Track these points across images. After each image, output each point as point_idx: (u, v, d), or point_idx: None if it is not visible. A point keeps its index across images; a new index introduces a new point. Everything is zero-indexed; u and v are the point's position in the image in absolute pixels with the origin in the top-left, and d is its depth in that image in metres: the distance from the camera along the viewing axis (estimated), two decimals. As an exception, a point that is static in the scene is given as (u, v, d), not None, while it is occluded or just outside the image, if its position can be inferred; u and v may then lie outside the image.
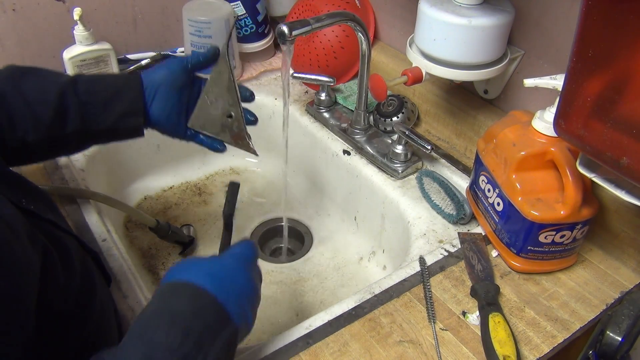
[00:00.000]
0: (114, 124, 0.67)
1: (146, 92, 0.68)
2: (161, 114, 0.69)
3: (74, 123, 0.64)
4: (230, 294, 0.48)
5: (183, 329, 0.43)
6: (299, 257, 0.97)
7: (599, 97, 0.47)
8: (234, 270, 0.51)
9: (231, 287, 0.49)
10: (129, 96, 0.67)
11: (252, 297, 0.52)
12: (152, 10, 1.08)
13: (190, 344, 0.42)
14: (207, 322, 0.45)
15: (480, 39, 0.73)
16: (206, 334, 0.44)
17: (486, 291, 0.65)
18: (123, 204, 0.82)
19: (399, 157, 0.87)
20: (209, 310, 0.46)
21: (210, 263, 0.50)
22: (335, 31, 1.02)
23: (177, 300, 0.46)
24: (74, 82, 0.65)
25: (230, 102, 0.71)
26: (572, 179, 0.62)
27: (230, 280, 0.49)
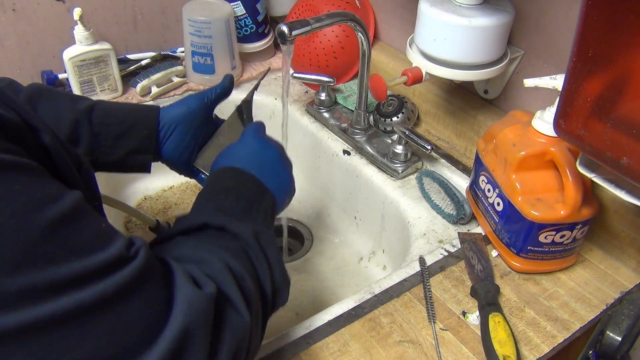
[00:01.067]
0: (121, 158, 0.66)
1: (162, 130, 0.68)
2: (174, 153, 0.69)
3: (83, 152, 0.64)
4: (262, 171, 0.59)
5: (235, 195, 0.55)
6: (299, 257, 0.97)
7: (599, 97, 0.47)
8: (262, 151, 0.62)
9: (263, 165, 0.60)
10: (142, 133, 0.66)
11: (279, 171, 0.62)
12: (152, 10, 1.08)
13: (243, 203, 0.54)
14: (251, 190, 0.57)
15: (480, 39, 0.73)
16: (253, 197, 0.56)
17: (486, 291, 0.65)
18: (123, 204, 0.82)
19: (399, 157, 0.87)
20: (251, 183, 0.57)
21: (244, 151, 0.62)
22: (335, 31, 1.02)
23: (226, 180, 0.57)
24: (90, 111, 0.64)
25: None
26: (572, 179, 0.62)
27: (261, 161, 0.61)
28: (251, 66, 1.16)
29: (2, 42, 0.95)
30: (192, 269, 0.43)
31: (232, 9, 1.05)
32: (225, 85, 0.71)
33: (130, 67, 1.05)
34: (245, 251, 0.49)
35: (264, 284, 0.49)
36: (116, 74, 1.01)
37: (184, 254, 0.46)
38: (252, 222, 0.53)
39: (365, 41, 0.83)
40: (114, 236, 0.37)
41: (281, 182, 0.61)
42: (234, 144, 0.63)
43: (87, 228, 0.35)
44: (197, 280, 0.42)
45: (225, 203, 0.54)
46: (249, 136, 0.64)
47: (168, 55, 1.10)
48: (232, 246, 0.49)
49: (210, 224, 0.50)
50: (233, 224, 0.50)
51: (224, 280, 0.44)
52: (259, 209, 0.55)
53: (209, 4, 1.04)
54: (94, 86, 0.99)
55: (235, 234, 0.50)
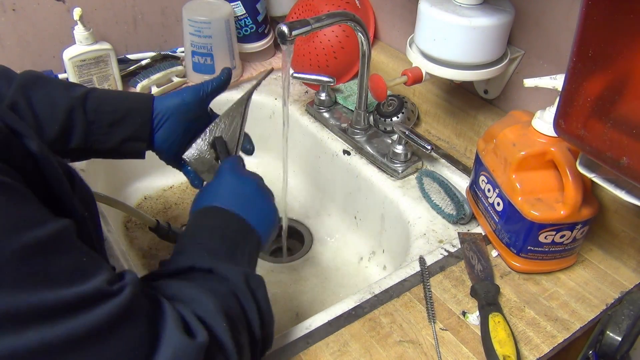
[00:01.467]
0: (116, 145, 0.66)
1: (155, 119, 0.68)
2: (164, 143, 0.69)
3: (77, 140, 0.64)
4: (244, 207, 0.58)
5: (220, 235, 0.54)
6: (299, 257, 0.97)
7: (599, 97, 0.47)
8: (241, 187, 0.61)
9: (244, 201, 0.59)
10: (137, 121, 0.66)
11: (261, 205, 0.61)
12: (152, 10, 1.08)
13: (228, 244, 0.54)
14: (235, 229, 0.56)
15: (480, 39, 0.73)
16: (237, 237, 0.55)
17: (486, 291, 0.65)
18: (123, 204, 0.82)
19: (399, 157, 0.87)
20: (234, 222, 0.56)
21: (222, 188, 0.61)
22: (335, 31, 1.02)
23: (212, 220, 0.56)
24: (84, 99, 0.64)
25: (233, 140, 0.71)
26: (572, 179, 0.62)
27: (241, 197, 0.60)
28: (251, 66, 1.16)
29: (2, 42, 0.95)
30: (185, 312, 0.41)
31: (232, 9, 1.05)
32: (221, 79, 0.71)
33: (130, 67, 1.05)
34: (234, 294, 0.48)
35: (253, 329, 0.48)
36: (116, 74, 1.01)
37: (177, 292, 0.44)
38: (237, 262, 0.52)
39: (365, 41, 0.83)
40: (95, 270, 0.35)
41: (264, 216, 0.60)
42: (211, 183, 0.62)
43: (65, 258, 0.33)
44: (189, 325, 0.40)
45: (210, 244, 0.53)
46: (224, 172, 0.63)
47: (168, 55, 1.10)
48: (220, 289, 0.47)
49: (197, 267, 0.49)
50: (221, 266, 0.49)
51: (218, 326, 0.42)
52: (244, 250, 0.54)
53: (209, 4, 1.04)
54: (93, 86, 0.99)
55: (224, 276, 0.48)
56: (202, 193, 0.61)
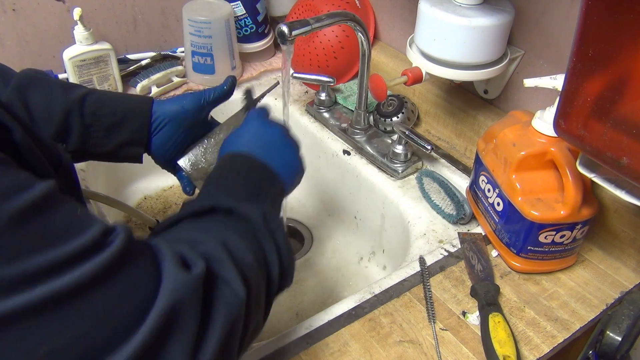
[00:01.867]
0: (113, 149, 0.66)
1: (153, 123, 0.68)
2: (160, 148, 0.69)
3: (74, 143, 0.64)
4: (269, 154, 0.59)
5: (243, 179, 0.55)
6: (299, 257, 0.97)
7: (599, 97, 0.47)
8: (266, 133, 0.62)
9: (268, 147, 0.60)
10: (134, 126, 0.66)
11: (286, 152, 0.62)
12: (152, 10, 1.08)
13: (251, 188, 0.54)
14: (259, 175, 0.57)
15: (480, 39, 0.73)
16: (261, 182, 0.56)
17: (486, 291, 0.65)
18: (123, 204, 0.82)
19: (399, 157, 0.87)
20: (258, 167, 0.57)
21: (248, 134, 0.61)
22: (335, 31, 1.02)
23: (236, 165, 0.57)
24: (81, 101, 0.64)
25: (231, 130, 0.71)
26: (572, 179, 0.62)
27: (267, 144, 0.60)
28: (251, 66, 1.16)
29: (2, 42, 0.95)
30: (183, 249, 0.42)
31: (232, 9, 1.05)
32: (224, 89, 0.71)
33: (130, 67, 1.05)
34: (253, 233, 0.49)
35: (271, 266, 0.49)
36: (116, 74, 1.01)
37: (179, 236, 0.46)
38: (260, 205, 0.53)
39: (365, 41, 0.83)
40: (89, 223, 0.36)
41: (288, 163, 0.61)
42: (237, 129, 0.63)
43: (59, 216, 0.34)
44: (186, 260, 0.41)
45: (233, 187, 0.54)
46: (251, 120, 0.63)
47: (168, 55, 1.10)
48: (239, 227, 0.48)
49: (218, 207, 0.50)
50: (241, 206, 0.50)
51: (217, 258, 0.43)
52: (267, 194, 0.55)
53: (209, 4, 1.04)
54: (94, 86, 0.99)
55: (243, 216, 0.50)
56: (229, 139, 0.62)
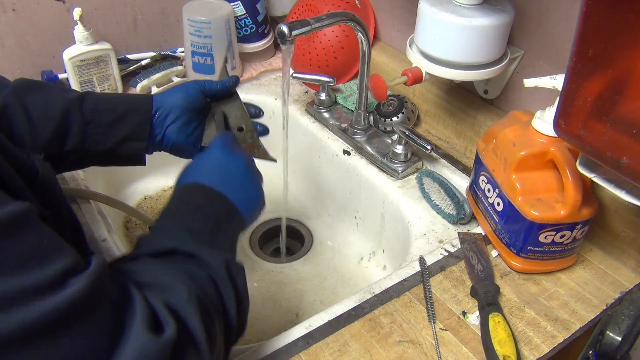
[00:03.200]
0: (114, 147, 0.65)
1: (160, 116, 0.67)
2: (179, 136, 0.68)
3: (74, 141, 0.62)
4: (230, 186, 0.57)
5: (203, 215, 0.53)
6: (299, 257, 0.97)
7: (599, 97, 0.47)
8: (229, 164, 0.60)
9: (230, 179, 0.58)
10: (135, 120, 0.65)
11: (247, 185, 0.60)
12: (152, 10, 1.08)
13: (211, 225, 0.52)
14: (219, 210, 0.55)
15: (480, 39, 0.73)
16: (221, 218, 0.54)
17: (486, 291, 0.65)
18: (123, 204, 0.82)
19: (399, 157, 0.87)
20: (219, 201, 0.56)
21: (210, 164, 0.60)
22: (335, 31, 1.02)
23: (195, 198, 0.55)
24: (81, 99, 0.63)
25: (239, 117, 0.71)
26: (572, 179, 0.62)
27: (228, 176, 0.59)
28: (251, 66, 1.16)
29: (2, 42, 0.95)
30: (156, 303, 0.39)
31: (232, 9, 1.05)
32: (226, 85, 0.70)
33: (130, 67, 1.05)
34: (213, 281, 0.47)
35: (229, 316, 0.47)
36: (116, 74, 1.01)
37: (150, 279, 0.43)
38: (219, 245, 0.52)
39: (365, 41, 0.83)
40: (55, 254, 0.33)
41: (249, 197, 0.59)
42: (199, 158, 0.61)
43: (21, 243, 0.31)
44: (158, 318, 0.39)
45: (193, 224, 0.52)
46: (215, 149, 0.61)
47: (168, 55, 1.10)
48: (200, 274, 0.46)
49: (179, 250, 0.48)
50: (203, 251, 0.48)
51: (189, 317, 0.41)
52: (227, 231, 0.54)
53: (209, 4, 1.04)
54: (94, 86, 0.99)
55: (204, 262, 0.48)
56: (189, 168, 0.60)
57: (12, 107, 0.60)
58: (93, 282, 0.34)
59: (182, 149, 0.70)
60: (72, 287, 0.32)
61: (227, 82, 0.70)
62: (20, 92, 0.61)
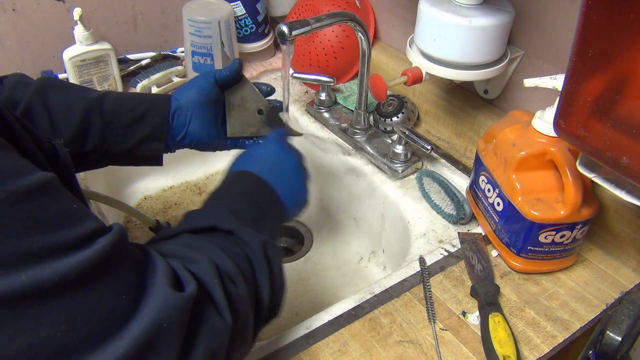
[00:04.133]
0: (132, 148, 0.66)
1: (181, 115, 0.67)
2: (202, 131, 0.69)
3: (94, 142, 0.63)
4: (278, 180, 0.59)
5: (249, 201, 0.55)
6: (299, 257, 0.97)
7: (599, 97, 0.47)
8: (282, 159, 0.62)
9: (280, 173, 0.60)
10: (153, 121, 0.66)
11: (295, 182, 0.62)
12: (152, 10, 1.08)
13: (255, 211, 0.54)
14: (264, 199, 0.57)
15: (480, 39, 0.73)
16: (265, 207, 0.56)
17: (486, 291, 0.65)
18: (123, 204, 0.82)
19: (399, 157, 0.87)
20: (265, 191, 0.58)
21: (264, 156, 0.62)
22: (335, 31, 1.02)
23: (243, 184, 0.58)
24: (101, 100, 0.64)
25: (255, 99, 0.72)
26: (572, 179, 0.62)
27: (279, 170, 0.61)
28: (251, 66, 1.16)
29: (2, 42, 0.95)
30: (177, 266, 0.42)
31: (232, 9, 1.05)
32: (233, 69, 0.70)
33: (130, 67, 1.05)
34: (248, 258, 0.48)
35: (261, 294, 0.48)
36: (116, 74, 1.01)
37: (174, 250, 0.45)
38: (260, 229, 0.53)
39: (365, 41, 0.83)
40: (82, 218, 0.35)
41: (295, 193, 0.61)
42: (255, 148, 0.63)
43: (54, 205, 0.34)
44: (179, 278, 0.41)
45: (238, 206, 0.54)
46: (271, 143, 0.64)
47: (168, 55, 1.10)
48: (234, 250, 0.48)
49: (219, 227, 0.50)
50: (242, 230, 0.50)
51: (209, 280, 0.43)
52: (267, 220, 0.55)
53: (209, 4, 1.04)
54: (94, 86, 0.99)
55: (242, 240, 0.49)
56: (242, 156, 0.62)
57: (36, 107, 0.61)
58: (116, 241, 0.36)
59: (207, 144, 0.71)
60: (99, 245, 0.35)
61: (234, 66, 0.70)
62: (42, 92, 0.62)
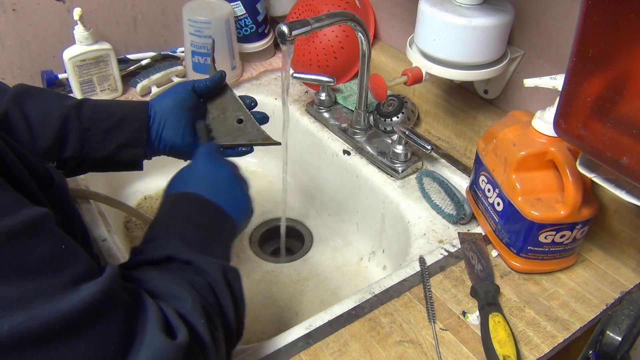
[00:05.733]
0: (112, 154, 0.65)
1: (154, 122, 0.67)
2: (175, 138, 0.69)
3: (72, 148, 0.63)
4: (218, 194, 0.57)
5: (195, 224, 0.53)
6: (299, 257, 0.97)
7: (599, 97, 0.47)
8: (215, 173, 0.60)
9: (217, 187, 0.59)
10: (132, 126, 0.66)
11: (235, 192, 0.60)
12: (152, 10, 1.08)
13: (202, 233, 0.52)
14: (210, 218, 0.55)
15: (480, 39, 0.73)
16: (212, 226, 0.54)
17: (486, 291, 0.65)
18: (123, 204, 0.82)
19: (399, 157, 0.87)
20: (209, 208, 0.55)
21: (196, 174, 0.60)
22: (335, 31, 1.02)
23: (185, 207, 0.55)
24: (78, 107, 0.64)
25: (235, 109, 0.72)
26: (572, 179, 0.62)
27: (216, 184, 0.59)
28: (251, 66, 1.16)
29: (2, 42, 0.95)
30: (167, 310, 0.40)
31: (232, 9, 1.05)
32: (214, 79, 0.70)
33: (130, 67, 1.05)
34: (210, 287, 0.47)
35: (228, 320, 0.48)
36: (116, 74, 1.01)
37: (158, 287, 0.44)
38: (213, 253, 0.52)
39: (365, 41, 0.83)
40: (72, 259, 0.34)
41: (238, 203, 0.59)
42: (185, 168, 0.61)
43: (39, 247, 0.32)
44: (171, 324, 0.39)
45: (185, 233, 0.52)
46: (200, 159, 0.62)
47: (168, 55, 1.10)
48: (198, 281, 0.47)
49: (175, 258, 0.48)
50: (199, 258, 0.49)
51: (197, 323, 0.42)
52: (218, 239, 0.54)
53: (209, 4, 1.04)
54: (94, 86, 0.99)
55: (201, 269, 0.48)
56: (176, 178, 0.60)
57: (13, 114, 0.60)
58: (107, 287, 0.34)
59: (181, 151, 0.71)
60: (87, 291, 0.33)
61: (216, 76, 0.71)
62: (19, 100, 0.61)
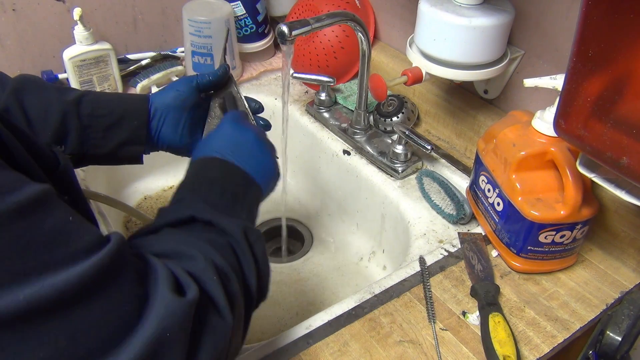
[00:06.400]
0: (112, 151, 0.65)
1: (154, 118, 0.67)
2: (173, 137, 0.68)
3: (72, 145, 0.63)
4: (244, 158, 0.58)
5: (220, 187, 0.54)
6: (299, 257, 0.97)
7: (599, 97, 0.47)
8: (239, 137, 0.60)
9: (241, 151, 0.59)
10: (132, 124, 0.65)
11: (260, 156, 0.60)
12: (152, 10, 1.08)
13: (228, 197, 0.53)
14: (236, 182, 0.55)
15: (480, 39, 0.73)
16: (238, 190, 0.55)
17: (486, 291, 0.65)
18: (123, 204, 0.82)
19: (399, 157, 0.87)
20: (235, 173, 0.56)
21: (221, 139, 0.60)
22: (335, 31, 1.02)
23: (211, 171, 0.56)
24: (77, 103, 0.63)
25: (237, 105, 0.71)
26: (572, 179, 0.62)
27: (242, 148, 0.59)
28: (251, 66, 1.16)
29: (2, 42, 0.95)
30: (176, 269, 0.41)
31: (232, 9, 1.05)
32: (218, 74, 0.69)
33: (130, 67, 1.05)
34: (231, 247, 0.48)
35: (249, 282, 0.48)
36: (116, 74, 1.01)
37: (168, 249, 0.45)
38: (237, 215, 0.52)
39: (365, 41, 0.83)
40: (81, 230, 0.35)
41: (262, 167, 0.60)
42: (211, 134, 0.61)
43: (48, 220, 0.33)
44: (180, 282, 0.40)
45: (210, 197, 0.52)
46: (226, 125, 0.62)
47: (168, 55, 1.10)
48: (218, 241, 0.47)
49: (197, 218, 0.49)
50: (221, 218, 0.49)
51: (209, 281, 0.42)
52: (243, 203, 0.54)
53: (209, 4, 1.04)
54: (94, 86, 0.99)
55: (222, 229, 0.49)
56: (202, 144, 0.60)
57: (13, 109, 0.60)
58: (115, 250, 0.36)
59: (179, 148, 0.70)
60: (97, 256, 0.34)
61: (219, 71, 0.70)
62: (19, 94, 0.61)
